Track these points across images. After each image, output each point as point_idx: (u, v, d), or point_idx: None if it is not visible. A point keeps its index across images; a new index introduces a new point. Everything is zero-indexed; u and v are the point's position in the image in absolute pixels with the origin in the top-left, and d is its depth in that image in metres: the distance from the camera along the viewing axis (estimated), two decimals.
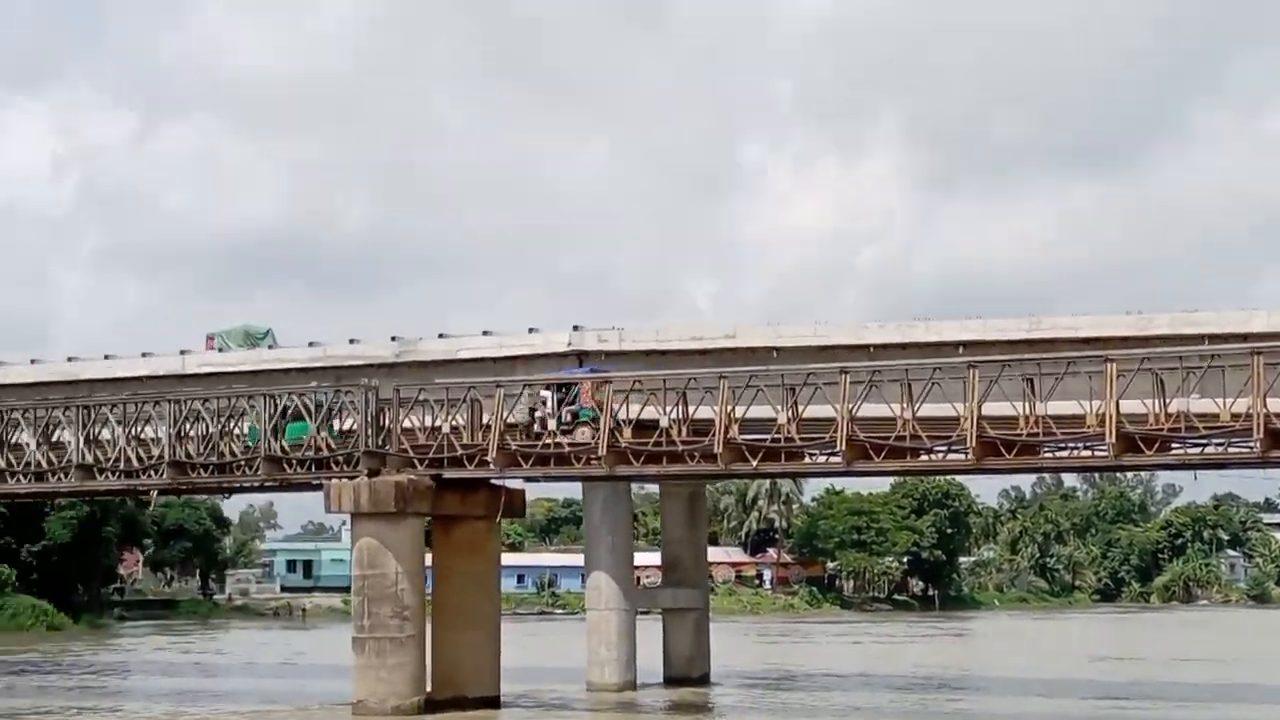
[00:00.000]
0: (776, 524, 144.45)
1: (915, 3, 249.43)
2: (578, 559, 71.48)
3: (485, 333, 49.04)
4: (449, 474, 40.58)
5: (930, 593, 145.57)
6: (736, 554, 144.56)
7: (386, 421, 41.08)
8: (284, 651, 77.07)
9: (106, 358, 52.75)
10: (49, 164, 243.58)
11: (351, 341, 50.36)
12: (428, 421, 41.10)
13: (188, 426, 42.74)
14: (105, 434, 44.08)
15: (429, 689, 40.69)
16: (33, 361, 54.85)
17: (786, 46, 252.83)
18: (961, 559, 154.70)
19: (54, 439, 44.68)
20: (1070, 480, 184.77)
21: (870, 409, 37.84)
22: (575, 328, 47.72)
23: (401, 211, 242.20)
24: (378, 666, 39.45)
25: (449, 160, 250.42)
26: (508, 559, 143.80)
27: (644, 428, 39.83)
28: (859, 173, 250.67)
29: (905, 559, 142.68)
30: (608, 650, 46.77)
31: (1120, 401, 33.95)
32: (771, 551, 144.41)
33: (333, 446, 41.24)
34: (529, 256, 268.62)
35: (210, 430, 42.36)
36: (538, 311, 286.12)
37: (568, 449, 39.75)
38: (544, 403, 40.33)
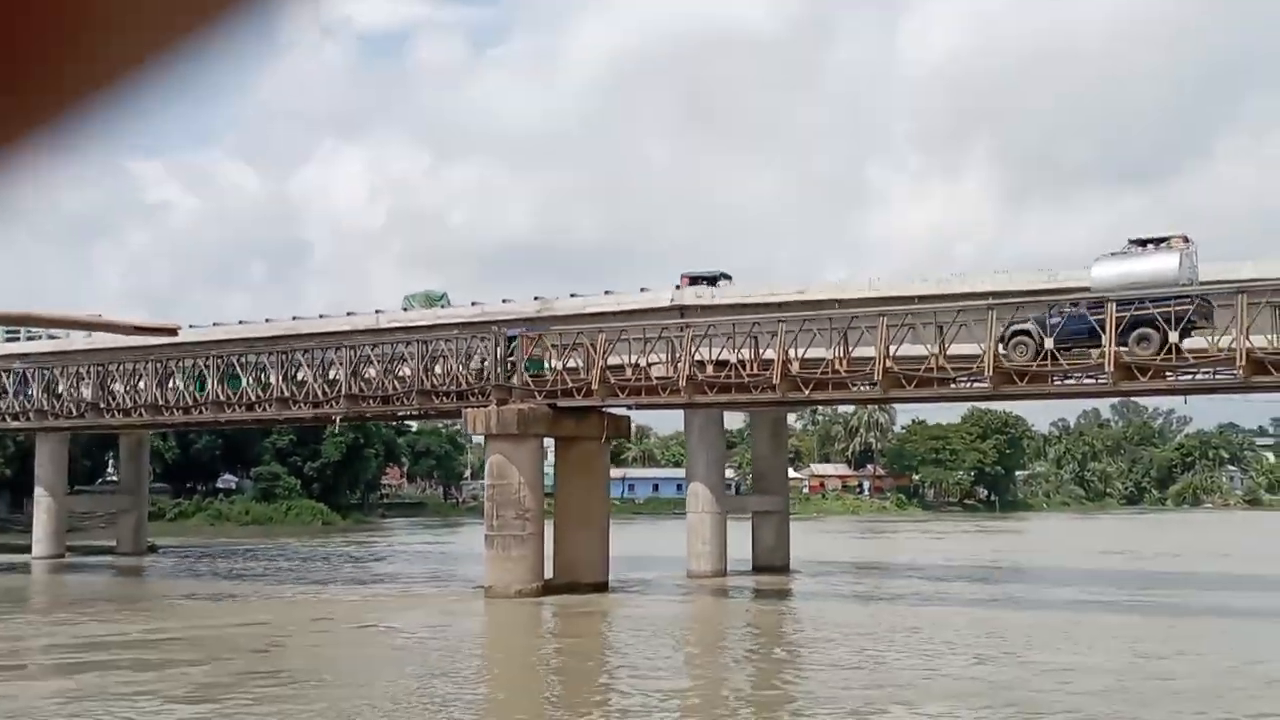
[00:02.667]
0: (874, 446, 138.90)
1: (998, 60, 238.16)
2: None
3: (607, 292, 44.54)
4: (563, 403, 36.47)
5: (992, 499, 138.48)
6: (843, 469, 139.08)
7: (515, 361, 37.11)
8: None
9: (321, 316, 49.29)
10: (366, 193, 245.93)
11: (504, 301, 46.22)
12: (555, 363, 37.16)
13: (362, 368, 39.21)
14: (302, 375, 40.68)
15: (549, 576, 36.61)
16: (294, 318, 50.68)
17: (903, 102, 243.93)
18: (1017, 473, 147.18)
19: (263, 380, 41.26)
20: (1105, 412, 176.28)
21: (909, 349, 33.59)
22: (678, 286, 43.09)
23: (621, 224, 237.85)
24: (504, 559, 35.57)
25: (654, 185, 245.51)
26: (649, 473, 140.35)
27: (723, 365, 35.59)
28: (956, 189, 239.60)
29: (972, 473, 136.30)
30: (703, 545, 42.25)
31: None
32: (870, 467, 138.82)
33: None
34: (712, 256, 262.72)
35: (376, 371, 38.80)
36: None
37: (655, 382, 35.42)
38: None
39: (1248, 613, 32.87)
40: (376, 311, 48.08)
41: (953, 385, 33.14)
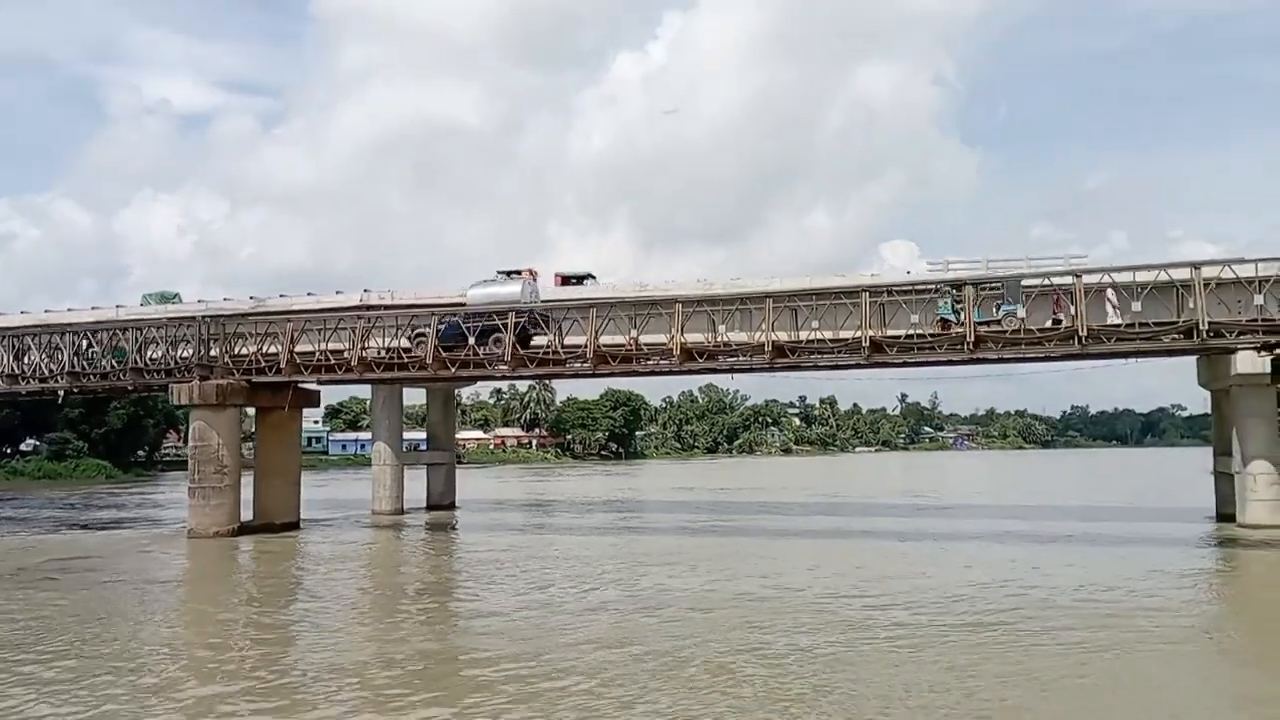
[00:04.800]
0: (540, 415, 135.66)
1: (635, 157, 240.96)
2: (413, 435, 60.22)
3: (309, 293, 38.67)
4: (257, 379, 30.69)
5: (620, 451, 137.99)
6: (519, 431, 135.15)
7: (215, 346, 30.97)
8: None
9: (69, 309, 40.61)
10: (176, 232, 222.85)
11: (225, 299, 39.47)
12: (252, 348, 31.23)
13: (85, 348, 31.91)
14: (32, 356, 32.77)
15: (247, 519, 30.79)
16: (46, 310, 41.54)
17: (572, 179, 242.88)
18: (637, 432, 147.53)
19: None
20: (696, 391, 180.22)
21: (540, 339, 29.88)
22: (365, 290, 37.79)
23: (368, 259, 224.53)
24: (203, 506, 29.52)
25: (395, 231, 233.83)
26: (353, 435, 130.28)
27: (393, 351, 30.84)
28: (607, 241, 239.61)
29: (607, 433, 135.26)
30: (384, 490, 37.33)
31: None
32: (537, 430, 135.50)
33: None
34: (439, 281, 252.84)
35: (96, 351, 31.63)
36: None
37: (334, 362, 30.29)
38: None
39: (775, 532, 31.19)
40: (117, 307, 40.27)
41: (565, 366, 29.73)
